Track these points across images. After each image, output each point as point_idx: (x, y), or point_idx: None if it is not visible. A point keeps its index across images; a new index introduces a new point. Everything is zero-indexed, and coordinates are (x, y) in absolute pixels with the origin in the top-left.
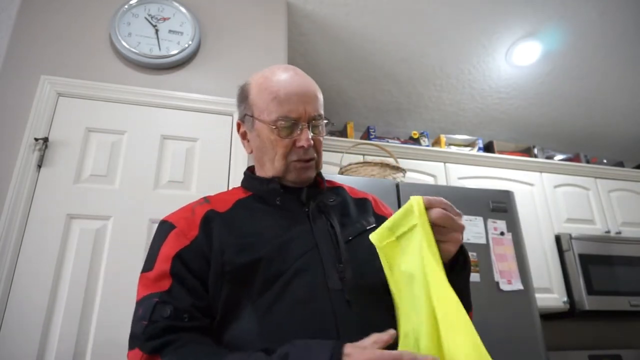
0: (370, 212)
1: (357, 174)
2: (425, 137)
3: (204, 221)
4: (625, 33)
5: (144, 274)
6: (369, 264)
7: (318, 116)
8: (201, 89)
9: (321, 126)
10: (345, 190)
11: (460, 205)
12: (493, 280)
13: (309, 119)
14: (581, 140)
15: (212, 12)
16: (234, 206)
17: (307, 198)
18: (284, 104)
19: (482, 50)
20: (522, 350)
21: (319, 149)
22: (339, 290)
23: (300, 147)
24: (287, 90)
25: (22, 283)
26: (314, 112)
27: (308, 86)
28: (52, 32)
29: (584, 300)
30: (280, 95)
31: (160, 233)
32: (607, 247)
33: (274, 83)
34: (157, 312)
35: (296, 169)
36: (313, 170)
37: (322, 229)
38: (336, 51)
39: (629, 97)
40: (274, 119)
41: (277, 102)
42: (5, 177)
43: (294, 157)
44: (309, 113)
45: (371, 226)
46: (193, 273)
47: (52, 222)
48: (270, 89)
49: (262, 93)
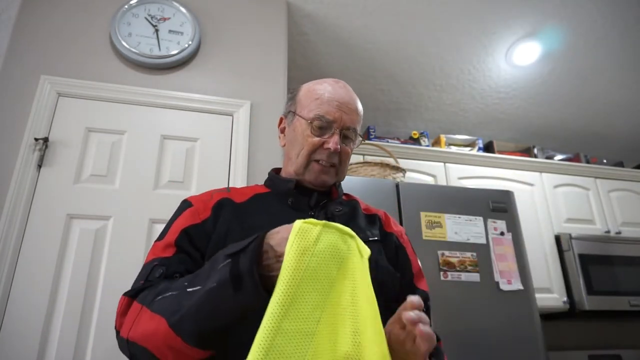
0: (377, 226)
1: (357, 174)
2: (425, 137)
3: (217, 206)
4: (625, 33)
5: (156, 242)
6: None
7: (353, 129)
8: (201, 89)
9: (352, 140)
10: (359, 203)
11: (461, 205)
12: (493, 280)
13: (342, 127)
14: (581, 140)
15: (212, 12)
16: (250, 199)
17: (316, 203)
18: (324, 105)
19: (482, 50)
20: (522, 350)
21: (343, 159)
22: None
23: (327, 148)
24: (330, 95)
25: (22, 283)
26: (349, 122)
27: (351, 99)
28: (52, 32)
29: (583, 300)
30: (323, 98)
31: (179, 209)
32: (607, 247)
33: (322, 88)
34: (153, 273)
35: (315, 170)
36: (332, 177)
37: None
38: (336, 51)
39: (629, 97)
40: (312, 116)
41: (318, 103)
42: (5, 177)
43: (317, 157)
44: (344, 122)
45: (374, 238)
46: (195, 247)
47: (52, 222)
48: (317, 92)
49: (309, 94)
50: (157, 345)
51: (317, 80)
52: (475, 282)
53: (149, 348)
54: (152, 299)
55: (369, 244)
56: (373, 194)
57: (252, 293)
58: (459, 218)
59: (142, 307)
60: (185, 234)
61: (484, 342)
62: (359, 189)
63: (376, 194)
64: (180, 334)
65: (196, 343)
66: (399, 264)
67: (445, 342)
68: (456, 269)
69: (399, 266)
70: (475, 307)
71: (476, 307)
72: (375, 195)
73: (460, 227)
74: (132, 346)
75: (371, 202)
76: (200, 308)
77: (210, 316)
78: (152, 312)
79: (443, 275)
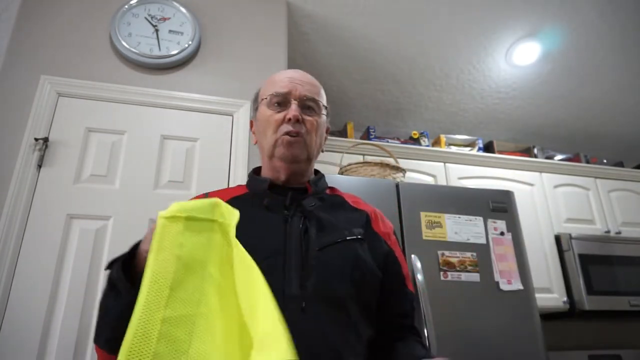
0: (361, 224)
1: (357, 174)
2: (425, 137)
3: None
4: (625, 33)
5: None
6: (339, 275)
7: (311, 99)
8: (201, 89)
9: (315, 110)
10: (344, 199)
11: (461, 205)
12: (493, 280)
13: (299, 97)
14: (581, 140)
15: (212, 12)
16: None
17: (292, 202)
18: (277, 83)
19: (482, 50)
20: (522, 350)
21: (309, 128)
22: (295, 297)
23: (288, 119)
24: (281, 75)
25: (22, 283)
26: (305, 92)
27: (303, 75)
28: (52, 32)
29: (583, 300)
30: (274, 79)
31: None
32: (607, 247)
33: (275, 74)
34: None
35: (283, 144)
36: (301, 149)
37: (294, 234)
38: (336, 51)
39: (628, 97)
40: (267, 96)
41: (272, 83)
42: (5, 177)
43: (283, 130)
44: (299, 91)
45: (353, 237)
46: None
47: (52, 222)
48: (271, 78)
49: (265, 84)
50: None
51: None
52: (475, 282)
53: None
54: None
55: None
56: (373, 194)
57: (128, 295)
58: (459, 218)
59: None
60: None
61: (484, 342)
62: (359, 189)
63: (376, 194)
64: (101, 347)
65: (112, 350)
66: (388, 268)
67: (445, 342)
68: (456, 269)
69: (388, 270)
70: (475, 307)
71: (476, 307)
72: (375, 195)
73: (460, 227)
74: None
75: (371, 202)
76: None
77: (110, 322)
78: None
79: (443, 275)
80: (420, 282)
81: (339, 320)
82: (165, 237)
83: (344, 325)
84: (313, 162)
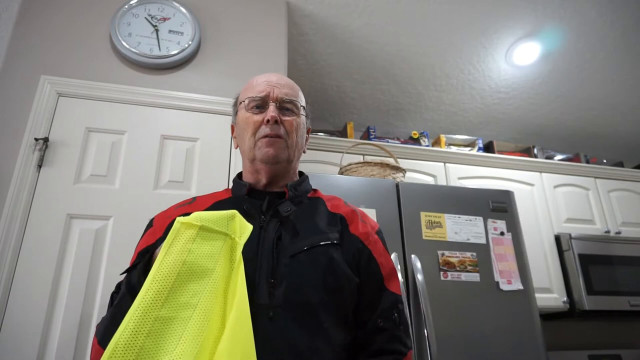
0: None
1: (357, 174)
2: (425, 137)
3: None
4: (625, 33)
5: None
6: (311, 281)
7: (289, 101)
8: (201, 89)
9: (293, 111)
10: (324, 203)
11: (461, 205)
12: (493, 280)
13: (276, 99)
14: (581, 140)
15: (212, 12)
16: (210, 208)
17: (268, 207)
18: (255, 87)
19: (482, 50)
20: (522, 350)
21: (289, 129)
22: (263, 306)
23: (267, 121)
24: (258, 79)
25: (22, 283)
26: (282, 94)
27: (280, 77)
28: (52, 32)
29: (583, 300)
30: (252, 83)
31: (144, 230)
32: (607, 247)
33: (251, 80)
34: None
35: (262, 146)
36: (281, 149)
37: (268, 241)
38: (336, 51)
39: (628, 97)
40: (246, 99)
41: (250, 88)
42: (5, 177)
43: (262, 133)
44: (276, 94)
45: (327, 242)
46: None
47: (52, 222)
48: (249, 83)
49: (243, 90)
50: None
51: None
52: (475, 282)
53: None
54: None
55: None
56: (373, 194)
57: None
58: (459, 218)
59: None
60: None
61: (483, 342)
62: (359, 189)
63: (376, 194)
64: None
65: None
66: (361, 268)
67: (445, 342)
68: (456, 269)
69: (360, 271)
70: (475, 307)
71: (476, 307)
72: (375, 195)
73: (460, 227)
74: None
75: (371, 202)
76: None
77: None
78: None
79: (443, 275)
80: (420, 282)
81: (309, 327)
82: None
83: (314, 332)
84: (295, 164)
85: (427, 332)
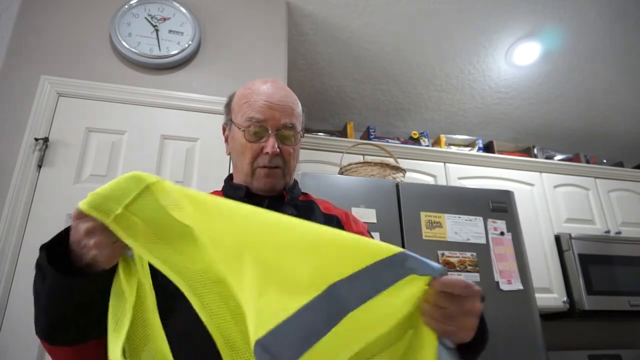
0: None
1: (357, 174)
2: (425, 137)
3: None
4: (625, 33)
5: None
6: None
7: (289, 125)
8: (201, 89)
9: (293, 137)
10: (317, 205)
11: (461, 205)
12: (493, 280)
13: (278, 127)
14: (581, 140)
15: (212, 12)
16: None
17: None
18: (254, 107)
19: (482, 50)
20: (522, 350)
21: (287, 158)
22: None
23: (266, 153)
24: (258, 96)
25: (22, 283)
26: (283, 119)
27: (281, 95)
28: (52, 32)
29: (583, 300)
30: (250, 100)
31: None
32: (607, 247)
33: (250, 91)
34: None
35: (261, 176)
36: (279, 179)
37: None
38: (336, 51)
39: (628, 97)
40: (244, 122)
41: (247, 106)
42: (5, 177)
43: (260, 163)
44: (277, 120)
45: None
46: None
47: (52, 222)
48: (246, 95)
49: (239, 99)
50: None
51: (247, 84)
52: (475, 282)
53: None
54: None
55: None
56: (373, 194)
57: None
58: (459, 218)
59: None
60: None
61: None
62: (359, 189)
63: (376, 194)
64: (41, 337)
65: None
66: None
67: None
68: (456, 269)
69: None
70: None
71: None
72: (375, 195)
73: (460, 227)
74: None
75: (371, 202)
76: (36, 306)
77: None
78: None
79: None
80: None
81: None
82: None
83: None
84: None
85: None
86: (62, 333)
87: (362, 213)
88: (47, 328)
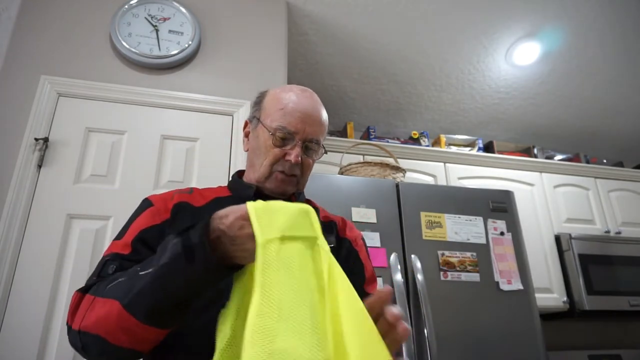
0: (333, 234)
1: (357, 174)
2: (425, 137)
3: (175, 209)
4: (625, 33)
5: (114, 241)
6: None
7: (315, 141)
8: (201, 89)
9: (315, 152)
10: (319, 211)
11: (461, 205)
12: (493, 280)
13: (305, 139)
14: (581, 140)
15: (212, 12)
16: (209, 203)
17: None
18: (288, 116)
19: (482, 50)
20: (522, 350)
21: (305, 170)
22: None
23: (288, 160)
24: (295, 106)
25: (22, 283)
26: (312, 134)
27: (315, 110)
28: (52, 32)
29: (583, 300)
30: (287, 108)
31: (139, 208)
32: (607, 247)
33: (287, 97)
34: (105, 269)
35: (277, 180)
36: (292, 187)
37: None
38: (336, 51)
39: (628, 97)
40: (274, 126)
41: (282, 113)
42: (5, 177)
43: (279, 167)
44: (307, 133)
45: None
46: (152, 248)
47: (52, 222)
48: (282, 100)
49: (274, 102)
50: (110, 329)
51: (283, 87)
52: (475, 282)
53: (102, 334)
54: (104, 288)
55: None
56: (373, 194)
57: (204, 264)
58: (459, 218)
59: (94, 298)
60: (143, 235)
61: (483, 342)
62: (359, 189)
63: (376, 194)
64: (134, 313)
65: (151, 321)
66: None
67: (445, 342)
68: (456, 269)
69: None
70: (475, 307)
71: (476, 307)
72: (375, 195)
73: (460, 227)
74: (83, 336)
75: (371, 202)
76: (154, 285)
77: (164, 292)
78: (105, 299)
79: (443, 275)
80: (420, 282)
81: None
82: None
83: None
84: None
85: (427, 332)
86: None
87: (362, 213)
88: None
